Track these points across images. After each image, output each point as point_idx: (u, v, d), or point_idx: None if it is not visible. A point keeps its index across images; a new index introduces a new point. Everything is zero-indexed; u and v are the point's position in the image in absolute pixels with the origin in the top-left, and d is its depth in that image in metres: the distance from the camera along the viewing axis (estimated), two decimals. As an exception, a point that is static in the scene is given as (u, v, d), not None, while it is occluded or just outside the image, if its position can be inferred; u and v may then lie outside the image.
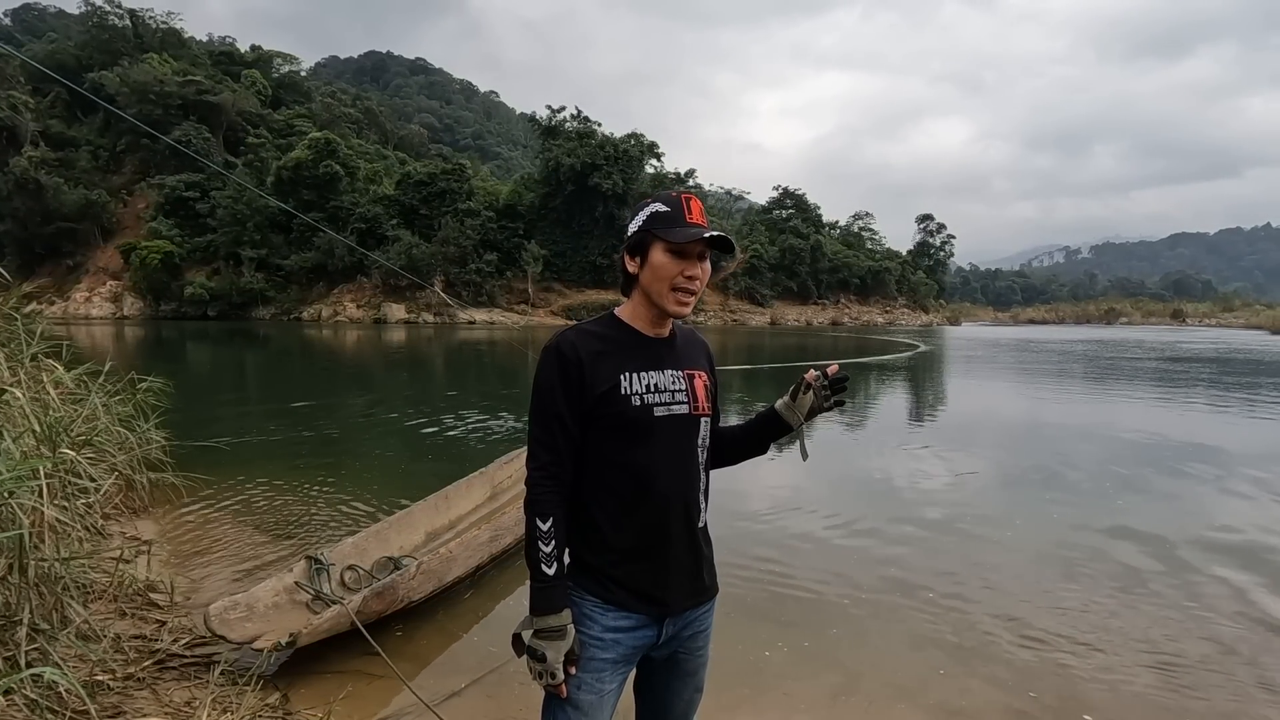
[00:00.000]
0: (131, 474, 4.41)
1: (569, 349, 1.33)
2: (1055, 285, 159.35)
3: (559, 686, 1.30)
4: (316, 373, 16.81)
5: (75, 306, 53.11)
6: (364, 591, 2.91)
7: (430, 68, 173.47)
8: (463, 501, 4.54)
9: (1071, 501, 5.57)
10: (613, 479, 1.35)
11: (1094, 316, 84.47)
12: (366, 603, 2.84)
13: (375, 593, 2.90)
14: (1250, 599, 3.68)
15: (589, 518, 1.37)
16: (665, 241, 1.31)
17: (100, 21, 64.20)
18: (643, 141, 56.03)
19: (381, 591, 2.93)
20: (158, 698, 2.44)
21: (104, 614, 2.96)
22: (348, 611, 2.75)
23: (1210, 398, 12.48)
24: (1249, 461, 7.03)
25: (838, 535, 4.68)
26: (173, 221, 54.04)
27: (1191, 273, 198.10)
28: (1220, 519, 5.11)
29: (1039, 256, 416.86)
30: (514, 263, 51.64)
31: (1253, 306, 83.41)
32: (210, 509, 4.86)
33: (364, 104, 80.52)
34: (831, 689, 2.75)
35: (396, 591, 3.01)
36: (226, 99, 59.07)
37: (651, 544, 1.36)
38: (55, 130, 59.13)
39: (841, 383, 1.46)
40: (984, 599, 3.64)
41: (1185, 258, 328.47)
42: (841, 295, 67.63)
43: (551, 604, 1.31)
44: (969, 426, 9.64)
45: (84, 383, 4.40)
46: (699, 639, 1.46)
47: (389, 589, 2.97)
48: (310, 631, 2.63)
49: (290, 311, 51.12)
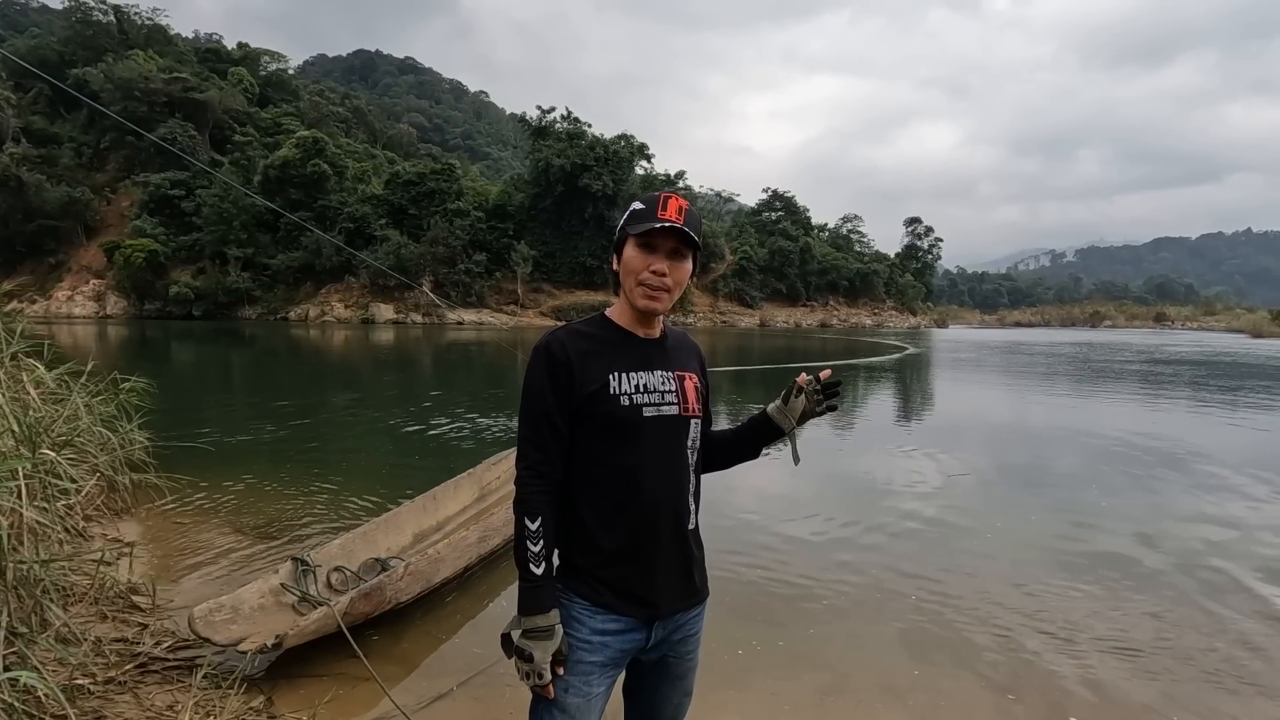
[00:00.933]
0: (113, 475, 4.36)
1: (558, 349, 1.33)
2: (1041, 288, 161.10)
3: (546, 687, 1.29)
4: (303, 373, 16.67)
5: (57, 305, 52.39)
6: (351, 593, 2.88)
7: (420, 67, 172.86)
8: (451, 503, 4.51)
9: (1057, 502, 5.62)
10: (601, 479, 1.35)
11: (1079, 319, 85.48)
12: (354, 604, 2.82)
13: (362, 594, 2.88)
14: (1238, 599, 3.73)
15: (578, 518, 1.37)
16: (634, 236, 1.33)
17: (84, 17, 63.41)
18: (633, 143, 56.09)
19: (369, 593, 2.90)
20: (139, 701, 2.41)
21: (84, 617, 2.92)
22: (334, 613, 2.72)
23: (1195, 401, 12.65)
24: (1238, 465, 7.13)
25: (825, 536, 4.69)
26: (157, 220, 53.45)
27: (1174, 276, 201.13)
28: (1206, 518, 5.18)
29: (1025, 260, 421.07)
30: (503, 263, 51.51)
31: (1234, 310, 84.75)
32: (194, 510, 4.81)
33: (352, 103, 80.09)
34: (819, 689, 2.76)
35: (384, 593, 2.98)
36: (213, 97, 58.52)
37: (640, 545, 1.35)
38: (38, 127, 58.33)
39: (834, 387, 1.46)
40: (970, 599, 3.66)
41: (1168, 262, 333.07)
42: (830, 297, 68.02)
43: (539, 604, 1.30)
44: (956, 428, 9.70)
45: (65, 382, 4.35)
46: (688, 643, 1.46)
47: (376, 590, 2.94)
48: (297, 633, 2.60)
49: (277, 311, 50.71)
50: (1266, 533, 4.86)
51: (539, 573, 1.31)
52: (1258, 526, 5.00)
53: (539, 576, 1.31)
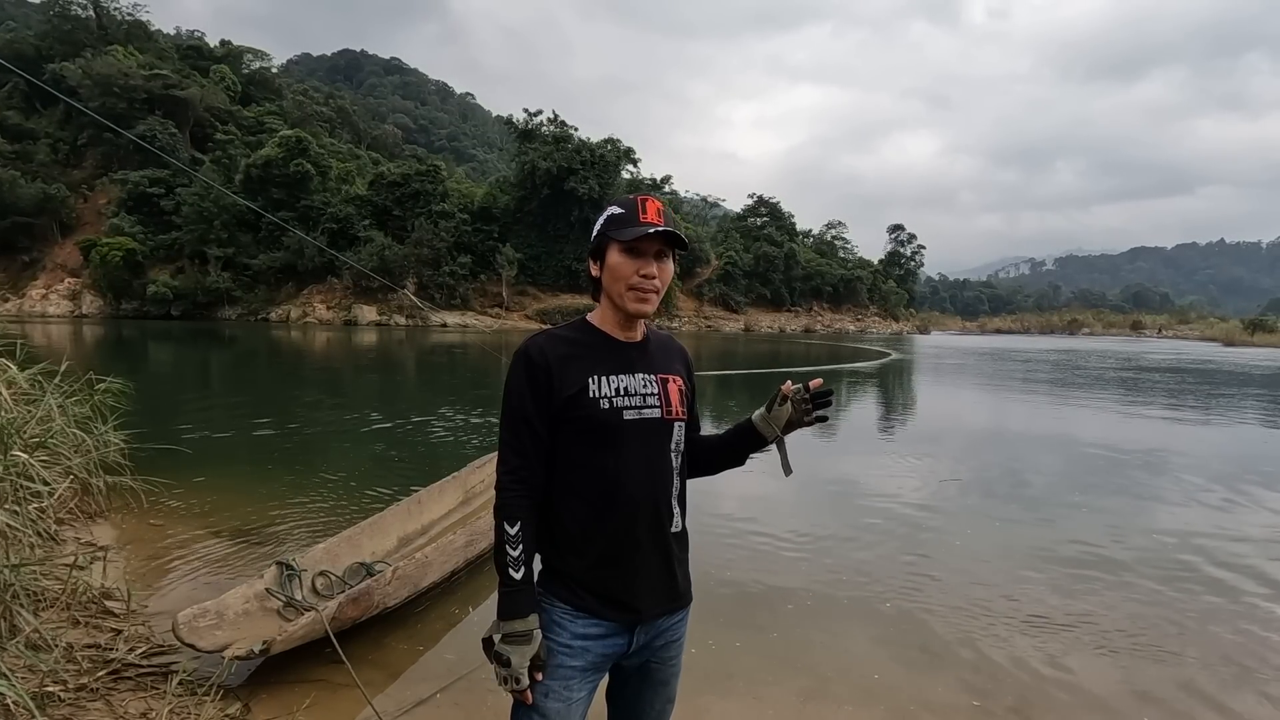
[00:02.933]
0: (88, 477, 4.28)
1: (537, 353, 1.34)
2: (1021, 296, 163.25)
3: (524, 693, 1.29)
4: (283, 374, 16.47)
5: (31, 304, 51.32)
6: (339, 597, 2.85)
7: (405, 67, 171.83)
8: (435, 506, 4.48)
9: (1037, 507, 5.70)
10: (581, 483, 1.35)
11: (1058, 327, 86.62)
12: (342, 609, 2.79)
13: (350, 599, 2.85)
14: (1220, 602, 3.80)
15: (559, 522, 1.37)
16: (619, 242, 1.33)
17: (63, 11, 62.28)
18: (619, 147, 56.11)
19: (357, 597, 2.88)
20: (112, 709, 2.36)
21: (56, 623, 2.86)
22: (323, 619, 2.69)
23: (1173, 406, 12.88)
24: (1220, 468, 7.26)
25: (807, 539, 4.72)
26: (135, 218, 52.51)
27: (1150, 285, 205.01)
28: (1184, 523, 5.27)
29: (1005, 268, 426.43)
30: (488, 266, 51.27)
31: (1207, 319, 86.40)
32: (170, 513, 4.73)
33: (337, 103, 79.42)
34: (800, 692, 2.77)
35: (372, 597, 2.95)
36: (194, 94, 57.72)
37: (621, 549, 1.35)
38: (13, 122, 57.14)
39: (825, 396, 1.44)
40: (950, 603, 3.69)
41: (1144, 271, 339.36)
42: (814, 303, 68.45)
43: (518, 609, 1.30)
44: (938, 433, 9.80)
45: (39, 383, 4.27)
46: (671, 648, 1.45)
47: (364, 595, 2.91)
48: (285, 639, 2.57)
49: (258, 312, 50.04)
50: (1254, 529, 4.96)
51: (518, 577, 1.30)
52: (1245, 526, 5.11)
53: (518, 581, 1.30)
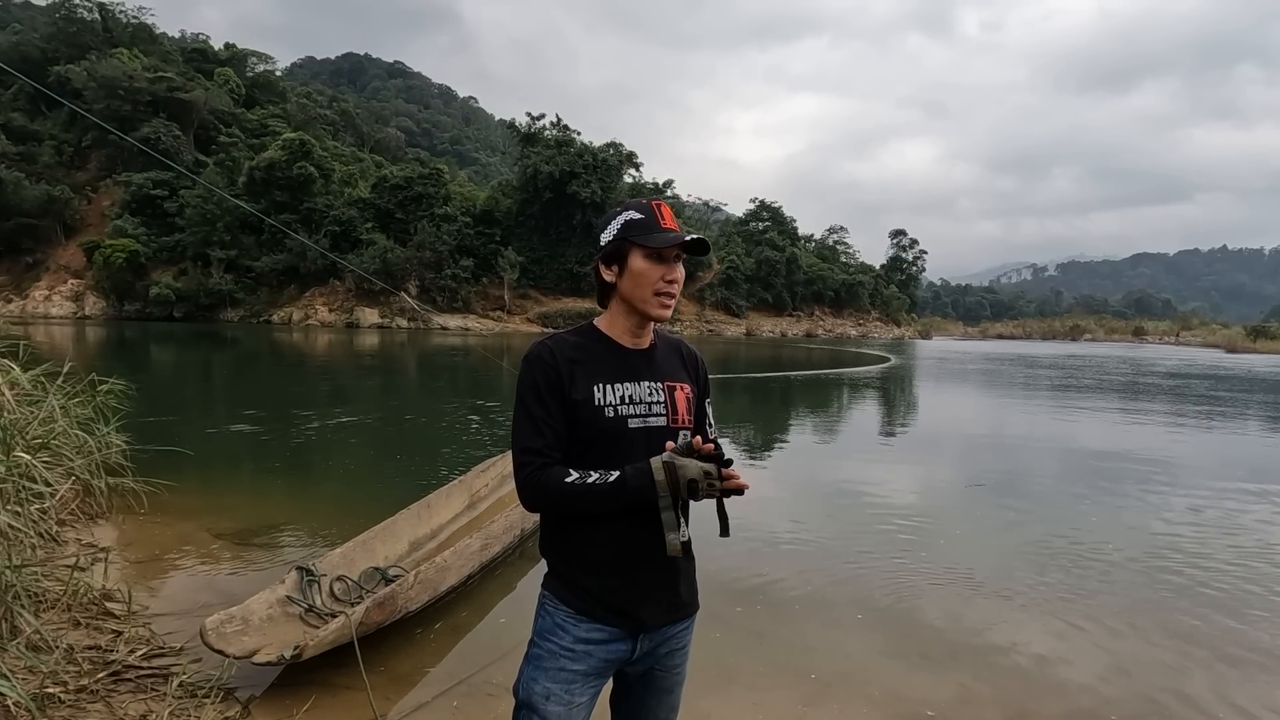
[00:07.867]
0: (89, 479, 4.28)
1: (548, 355, 1.33)
2: (1023, 301, 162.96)
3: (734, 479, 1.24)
4: (285, 377, 16.49)
5: (34, 305, 51.40)
6: (366, 602, 2.87)
7: (409, 71, 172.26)
8: (443, 510, 4.50)
9: (1039, 511, 5.68)
10: None
11: (1060, 333, 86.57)
12: (368, 614, 2.81)
13: (376, 603, 2.87)
14: (1209, 608, 3.79)
15: (563, 529, 1.37)
16: (644, 247, 1.32)
17: (68, 14, 62.58)
18: (621, 151, 56.26)
19: (382, 602, 2.89)
20: (111, 710, 2.36)
21: (57, 624, 2.86)
22: (351, 623, 2.71)
23: (1185, 416, 12.85)
24: (1219, 475, 7.25)
25: (808, 544, 4.71)
26: (139, 220, 52.66)
27: (1152, 292, 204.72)
28: (1194, 529, 5.26)
29: (1007, 273, 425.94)
30: (490, 269, 51.34)
31: (1209, 325, 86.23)
32: (171, 515, 4.72)
33: (340, 106, 79.70)
34: (801, 698, 2.76)
35: (396, 602, 2.97)
36: (198, 97, 57.94)
37: (625, 559, 1.34)
38: (17, 124, 57.35)
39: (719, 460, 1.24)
40: (954, 608, 3.68)
41: (1146, 277, 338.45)
42: (816, 307, 68.43)
43: (640, 476, 1.23)
44: (938, 438, 9.79)
45: (41, 384, 4.28)
46: (676, 657, 1.44)
47: (389, 599, 2.93)
48: (317, 643, 2.59)
49: (260, 314, 50.12)
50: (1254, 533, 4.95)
51: (611, 480, 1.24)
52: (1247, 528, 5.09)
53: (620, 477, 1.24)
